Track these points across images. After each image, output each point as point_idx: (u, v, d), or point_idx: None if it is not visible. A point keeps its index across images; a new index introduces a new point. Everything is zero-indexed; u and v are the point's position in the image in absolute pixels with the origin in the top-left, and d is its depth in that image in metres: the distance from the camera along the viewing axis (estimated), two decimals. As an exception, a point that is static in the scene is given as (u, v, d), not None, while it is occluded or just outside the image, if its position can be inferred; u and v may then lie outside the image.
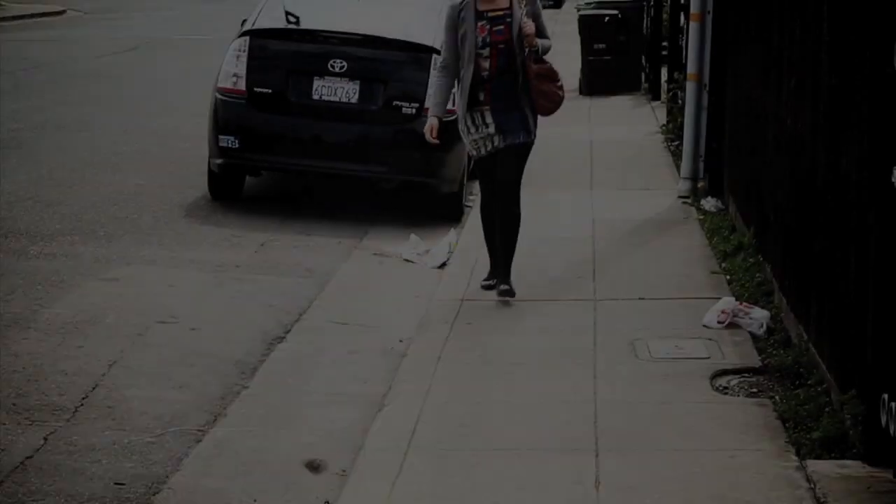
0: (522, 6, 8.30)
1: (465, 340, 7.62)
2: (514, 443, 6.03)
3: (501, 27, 8.26)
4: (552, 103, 8.39)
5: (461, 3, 8.32)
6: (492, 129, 8.29)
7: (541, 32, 8.34)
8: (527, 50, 8.23)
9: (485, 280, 8.68)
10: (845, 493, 5.31)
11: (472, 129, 8.36)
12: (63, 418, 6.30)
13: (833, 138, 6.37)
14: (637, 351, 7.32)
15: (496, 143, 8.31)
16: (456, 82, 8.45)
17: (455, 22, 8.30)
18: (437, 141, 8.46)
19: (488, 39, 8.24)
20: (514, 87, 8.28)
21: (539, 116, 8.46)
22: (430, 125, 8.46)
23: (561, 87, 8.42)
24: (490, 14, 8.29)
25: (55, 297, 8.21)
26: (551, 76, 8.37)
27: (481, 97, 8.27)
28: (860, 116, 5.75)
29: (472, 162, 8.97)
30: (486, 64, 8.24)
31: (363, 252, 10.11)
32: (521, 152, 8.39)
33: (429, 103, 8.48)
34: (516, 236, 8.50)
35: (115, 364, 7.04)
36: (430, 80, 8.47)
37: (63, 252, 9.52)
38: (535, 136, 8.43)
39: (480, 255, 8.90)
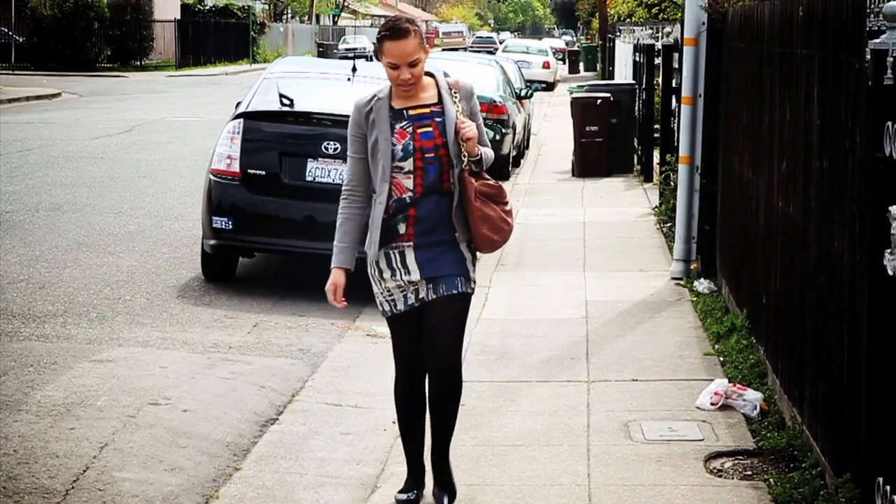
0: (456, 101, 5.92)
1: (458, 422, 7.57)
2: (507, 526, 5.99)
3: (429, 129, 5.86)
4: (498, 234, 5.91)
5: (369, 100, 5.92)
6: (415, 276, 5.89)
7: (480, 138, 5.93)
8: (465, 160, 5.85)
9: (402, 492, 6.27)
10: (841, 576, 5.28)
11: (387, 275, 5.94)
12: (54, 501, 6.25)
13: (825, 221, 6.40)
14: (631, 433, 7.31)
15: (421, 296, 5.93)
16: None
17: (362, 128, 5.91)
18: (344, 304, 6.04)
19: (411, 147, 5.83)
20: (448, 212, 5.90)
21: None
22: (333, 283, 6.03)
23: (510, 213, 5.99)
24: (411, 112, 5.89)
25: (47, 378, 8.18)
26: (497, 196, 5.94)
27: (402, 229, 5.88)
28: (851, 199, 5.79)
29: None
30: (409, 182, 5.84)
31: (356, 333, 10.10)
32: (461, 301, 5.98)
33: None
34: (457, 412, 6.22)
35: (107, 446, 7.00)
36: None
37: (55, 334, 9.51)
38: (475, 282, 6.03)
39: (472, 334, 8.84)
